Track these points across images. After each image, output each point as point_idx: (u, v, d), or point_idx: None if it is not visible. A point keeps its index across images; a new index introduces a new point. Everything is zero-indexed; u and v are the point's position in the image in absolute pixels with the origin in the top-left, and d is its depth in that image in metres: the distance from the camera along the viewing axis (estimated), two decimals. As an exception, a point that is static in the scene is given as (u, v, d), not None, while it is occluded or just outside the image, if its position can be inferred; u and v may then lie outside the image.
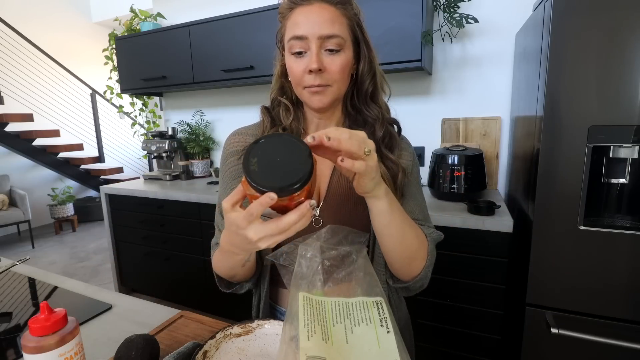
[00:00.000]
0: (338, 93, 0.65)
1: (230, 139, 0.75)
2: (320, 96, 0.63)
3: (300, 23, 0.60)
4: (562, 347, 1.15)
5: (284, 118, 0.70)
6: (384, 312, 0.52)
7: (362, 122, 0.69)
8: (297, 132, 0.70)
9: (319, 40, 0.59)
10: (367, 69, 0.66)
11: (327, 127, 0.67)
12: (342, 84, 0.64)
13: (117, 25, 2.92)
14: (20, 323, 0.76)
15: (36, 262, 3.32)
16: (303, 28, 0.59)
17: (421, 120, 1.95)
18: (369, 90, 0.68)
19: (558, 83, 1.04)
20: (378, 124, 0.68)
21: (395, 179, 0.66)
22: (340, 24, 0.61)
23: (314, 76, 0.60)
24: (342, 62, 0.61)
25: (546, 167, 1.09)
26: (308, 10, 0.60)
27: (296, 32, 0.60)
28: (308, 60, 0.60)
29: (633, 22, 0.93)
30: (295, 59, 0.62)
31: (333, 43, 0.60)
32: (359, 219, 0.67)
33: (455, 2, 1.62)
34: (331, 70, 0.61)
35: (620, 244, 1.03)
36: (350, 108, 0.71)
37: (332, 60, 0.61)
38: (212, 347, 0.57)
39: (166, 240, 2.18)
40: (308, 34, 0.59)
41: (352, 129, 0.63)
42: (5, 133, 3.86)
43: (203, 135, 2.55)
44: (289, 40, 0.62)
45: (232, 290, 0.71)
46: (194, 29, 2.12)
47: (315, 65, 0.59)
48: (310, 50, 0.60)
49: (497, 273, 1.34)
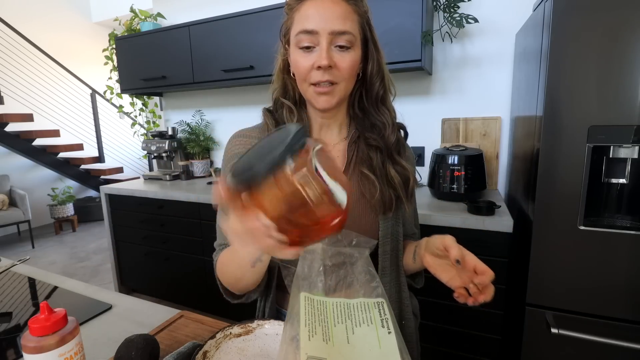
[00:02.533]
0: (345, 92, 0.63)
1: (232, 141, 0.73)
2: (327, 97, 0.61)
3: (311, 17, 0.57)
4: (562, 347, 1.15)
5: (287, 120, 0.68)
6: (385, 313, 0.52)
7: (370, 125, 0.67)
8: None
9: (330, 35, 0.57)
10: (376, 70, 0.64)
11: (331, 128, 0.69)
12: (350, 82, 0.62)
13: (117, 25, 2.92)
14: (20, 323, 0.76)
15: (36, 262, 3.32)
16: (314, 22, 0.57)
17: (421, 120, 1.94)
18: (380, 93, 0.66)
19: (558, 83, 1.04)
20: (389, 128, 0.66)
21: (407, 183, 0.66)
22: (352, 21, 0.59)
23: (322, 72, 0.58)
24: (352, 59, 0.59)
25: (546, 167, 1.09)
26: (320, 3, 0.57)
27: (306, 26, 0.57)
28: (317, 56, 0.58)
29: (633, 22, 0.93)
30: (302, 53, 0.59)
31: (344, 40, 0.58)
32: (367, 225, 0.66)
33: (455, 2, 1.62)
34: (341, 67, 0.59)
35: (620, 244, 1.03)
36: (358, 110, 0.68)
37: (342, 57, 0.58)
38: (212, 347, 0.57)
39: (166, 240, 2.18)
40: (319, 29, 0.56)
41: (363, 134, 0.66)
42: (5, 133, 3.86)
43: (203, 135, 2.55)
44: (297, 34, 0.59)
45: (239, 301, 0.66)
46: (194, 29, 2.12)
47: (325, 62, 0.56)
48: (320, 46, 0.57)
49: (497, 273, 1.32)
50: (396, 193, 0.65)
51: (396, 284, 0.71)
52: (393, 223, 0.68)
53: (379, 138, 0.65)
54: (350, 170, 0.67)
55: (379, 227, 0.66)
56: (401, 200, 0.66)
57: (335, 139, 0.69)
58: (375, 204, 0.64)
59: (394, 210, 0.66)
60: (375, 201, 0.64)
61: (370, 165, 0.65)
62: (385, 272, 0.69)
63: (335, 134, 0.69)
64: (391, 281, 0.70)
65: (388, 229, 0.67)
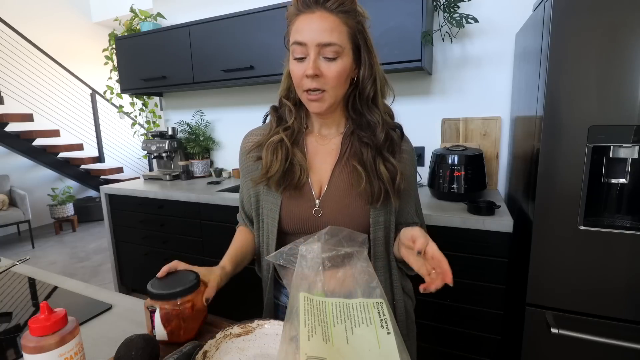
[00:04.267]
0: (335, 98, 0.69)
1: (243, 140, 0.82)
2: (318, 103, 0.68)
3: (301, 30, 0.64)
4: (562, 347, 1.15)
5: (287, 117, 0.75)
6: (384, 314, 0.52)
7: (366, 124, 0.73)
8: (300, 130, 0.76)
9: (317, 47, 0.63)
10: (368, 74, 0.69)
11: (329, 127, 0.76)
12: (339, 89, 0.68)
13: (117, 25, 2.92)
14: (20, 323, 0.76)
15: (36, 262, 3.32)
16: (303, 35, 0.63)
17: (421, 120, 1.95)
18: (370, 94, 0.71)
19: (558, 83, 1.04)
20: (379, 127, 0.71)
21: (394, 180, 0.71)
22: (340, 33, 0.64)
23: (310, 80, 0.65)
24: (338, 69, 0.65)
25: (546, 167, 1.09)
26: (310, 18, 0.64)
27: (297, 38, 0.64)
28: (306, 66, 0.64)
29: (633, 22, 0.93)
30: (296, 63, 0.66)
31: (330, 51, 0.64)
32: (357, 212, 0.72)
33: (455, 2, 1.62)
34: (327, 76, 0.65)
35: (620, 244, 1.03)
36: (352, 111, 0.74)
37: (328, 67, 0.64)
38: (212, 347, 0.57)
39: (166, 240, 2.18)
40: (307, 41, 0.63)
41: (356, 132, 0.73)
42: (5, 133, 3.86)
43: (203, 135, 2.55)
44: (291, 44, 0.66)
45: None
46: (194, 29, 2.12)
47: (311, 72, 0.63)
48: (309, 57, 0.64)
49: (497, 273, 1.34)
50: (385, 187, 0.70)
51: (388, 269, 0.78)
52: (384, 212, 0.74)
53: (371, 135, 0.71)
54: (343, 161, 0.75)
55: (369, 214, 0.72)
56: (389, 194, 0.71)
57: (332, 134, 0.77)
58: (362, 194, 0.71)
59: (382, 201, 0.71)
60: (362, 191, 0.70)
61: (361, 159, 0.72)
62: (378, 256, 0.75)
63: (333, 131, 0.77)
64: (385, 266, 0.76)
65: (380, 217, 0.73)
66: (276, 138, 0.72)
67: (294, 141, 0.74)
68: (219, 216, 1.91)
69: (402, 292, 0.80)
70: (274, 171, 0.71)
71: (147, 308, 0.63)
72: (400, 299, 0.79)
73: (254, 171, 0.77)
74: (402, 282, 0.80)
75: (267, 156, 0.72)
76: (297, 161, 0.72)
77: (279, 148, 0.72)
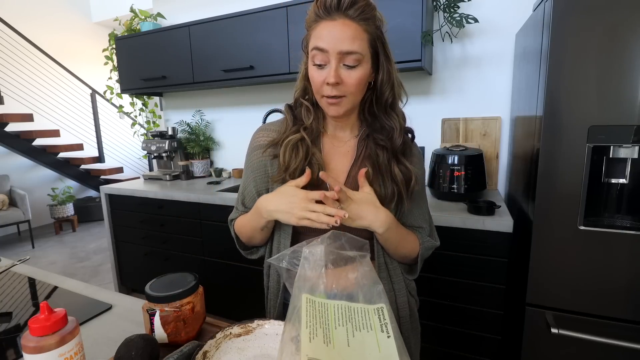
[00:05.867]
0: (353, 103, 0.70)
1: (255, 135, 0.82)
2: (336, 107, 0.68)
3: (323, 37, 0.64)
4: (562, 347, 1.15)
5: (305, 118, 0.75)
6: (384, 318, 0.53)
7: (379, 127, 0.74)
8: (317, 131, 0.76)
9: (338, 55, 0.63)
10: (386, 79, 0.70)
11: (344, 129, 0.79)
12: (358, 95, 0.69)
13: (117, 25, 2.92)
14: (20, 323, 0.76)
15: (36, 262, 3.32)
16: (325, 42, 0.63)
17: (421, 120, 1.94)
18: (389, 100, 0.72)
19: (558, 83, 1.04)
20: (397, 132, 0.73)
21: (409, 183, 0.72)
22: (361, 40, 0.64)
23: (331, 88, 0.65)
24: (358, 76, 0.65)
25: (546, 167, 1.09)
26: (332, 25, 0.63)
27: (318, 44, 0.64)
28: (327, 73, 0.64)
29: (633, 22, 0.93)
30: (316, 69, 0.66)
31: (351, 59, 0.64)
32: None
33: (455, 2, 1.62)
34: (347, 84, 0.65)
35: (620, 244, 1.03)
36: (368, 115, 0.75)
37: (349, 74, 0.65)
38: (212, 347, 0.57)
39: (166, 240, 2.18)
40: (329, 48, 0.63)
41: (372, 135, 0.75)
42: (5, 133, 3.85)
43: (203, 135, 2.55)
44: (312, 49, 0.66)
45: (247, 253, 0.85)
46: (194, 29, 2.12)
47: (332, 80, 0.64)
48: (330, 65, 0.64)
49: (497, 273, 1.34)
50: (398, 189, 0.72)
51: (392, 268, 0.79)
52: (395, 214, 0.75)
53: (387, 139, 0.73)
54: (359, 163, 0.76)
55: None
56: (402, 196, 0.72)
57: (347, 136, 0.79)
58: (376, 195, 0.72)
59: (395, 203, 0.73)
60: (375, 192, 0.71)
61: (377, 161, 0.73)
62: (380, 254, 0.76)
63: (347, 133, 0.79)
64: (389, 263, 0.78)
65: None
66: (297, 136, 0.72)
67: (312, 141, 0.74)
68: (219, 216, 1.91)
69: (406, 291, 0.80)
70: (292, 169, 0.71)
71: (146, 311, 0.62)
72: (404, 299, 0.79)
73: (265, 167, 0.76)
74: (405, 282, 0.81)
75: (285, 154, 0.71)
76: (316, 160, 0.72)
77: (300, 146, 0.72)
